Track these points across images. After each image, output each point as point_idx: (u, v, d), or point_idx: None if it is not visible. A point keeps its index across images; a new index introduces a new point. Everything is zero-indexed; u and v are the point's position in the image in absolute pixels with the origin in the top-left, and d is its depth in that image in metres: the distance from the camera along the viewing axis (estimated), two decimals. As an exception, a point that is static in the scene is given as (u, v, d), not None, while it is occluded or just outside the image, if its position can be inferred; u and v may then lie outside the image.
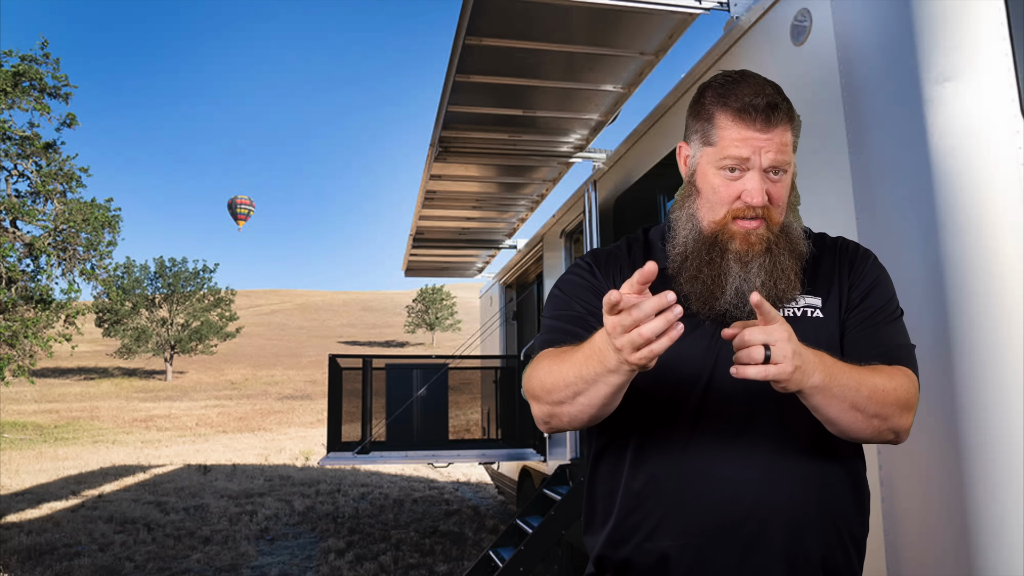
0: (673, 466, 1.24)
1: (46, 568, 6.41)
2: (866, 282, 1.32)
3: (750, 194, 1.24)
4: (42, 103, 18.58)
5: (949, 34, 1.86)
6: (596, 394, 1.12)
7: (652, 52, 3.58)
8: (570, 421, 1.20)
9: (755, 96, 1.25)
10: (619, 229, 4.46)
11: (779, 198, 1.27)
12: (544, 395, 1.20)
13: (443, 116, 4.18)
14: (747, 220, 1.25)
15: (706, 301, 1.26)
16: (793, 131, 1.29)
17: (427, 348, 63.42)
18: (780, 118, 1.25)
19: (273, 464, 15.06)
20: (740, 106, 1.24)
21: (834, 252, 1.37)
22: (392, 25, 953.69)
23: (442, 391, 6.56)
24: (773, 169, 1.25)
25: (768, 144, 1.24)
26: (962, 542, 1.68)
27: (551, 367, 1.19)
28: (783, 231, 1.29)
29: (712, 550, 1.20)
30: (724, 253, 1.26)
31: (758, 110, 1.23)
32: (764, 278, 1.24)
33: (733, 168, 1.25)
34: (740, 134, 1.24)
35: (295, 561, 6.69)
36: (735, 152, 1.24)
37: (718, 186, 1.27)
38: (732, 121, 1.25)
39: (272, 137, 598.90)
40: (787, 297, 1.26)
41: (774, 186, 1.26)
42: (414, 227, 6.78)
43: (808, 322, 1.28)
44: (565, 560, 5.42)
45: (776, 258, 1.26)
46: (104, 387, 44.54)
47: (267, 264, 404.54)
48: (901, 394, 1.19)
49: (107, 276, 20.62)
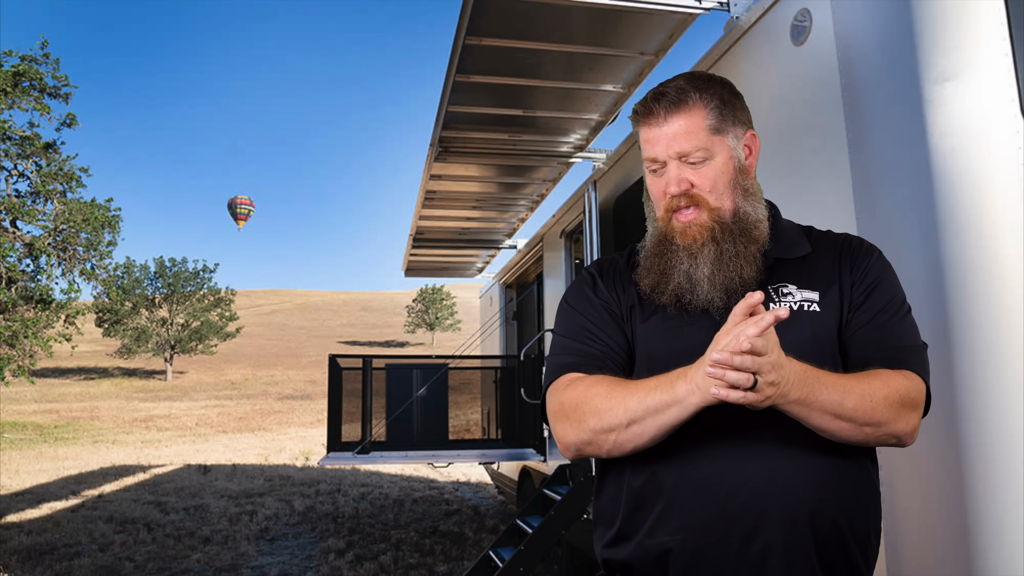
0: (672, 462, 1.24)
1: (46, 568, 6.41)
2: (868, 279, 1.32)
3: (668, 184, 1.31)
4: (42, 103, 18.58)
5: (949, 34, 1.86)
6: (655, 424, 1.17)
7: (652, 52, 3.58)
8: (612, 448, 1.23)
9: (652, 91, 1.34)
10: (619, 229, 4.46)
11: (705, 184, 1.30)
12: (594, 422, 1.23)
13: (443, 116, 4.18)
14: (682, 211, 1.31)
15: (659, 289, 1.32)
16: (708, 113, 1.30)
17: (427, 348, 63.42)
18: (672, 106, 1.30)
19: (273, 464, 15.06)
20: (639, 108, 1.35)
21: (836, 248, 1.37)
22: (392, 25, 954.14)
23: (442, 391, 6.55)
24: (686, 156, 1.30)
25: (669, 135, 1.30)
26: (962, 542, 1.68)
27: (607, 393, 1.23)
28: (734, 216, 1.31)
29: (710, 545, 1.20)
30: (672, 246, 1.32)
31: (648, 104, 1.32)
32: (712, 267, 1.28)
33: (655, 169, 1.34)
34: (645, 134, 1.33)
35: (295, 561, 6.69)
36: (648, 153, 1.34)
37: (651, 186, 1.36)
38: (640, 125, 1.35)
39: (272, 137, 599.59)
40: (737, 284, 1.28)
41: (697, 173, 1.30)
42: (414, 227, 6.78)
43: (804, 316, 1.28)
44: (565, 560, 5.43)
45: (722, 246, 1.29)
46: (104, 387, 44.54)
47: (267, 264, 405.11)
48: (896, 400, 1.18)
49: (107, 276, 20.62)
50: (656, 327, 1.33)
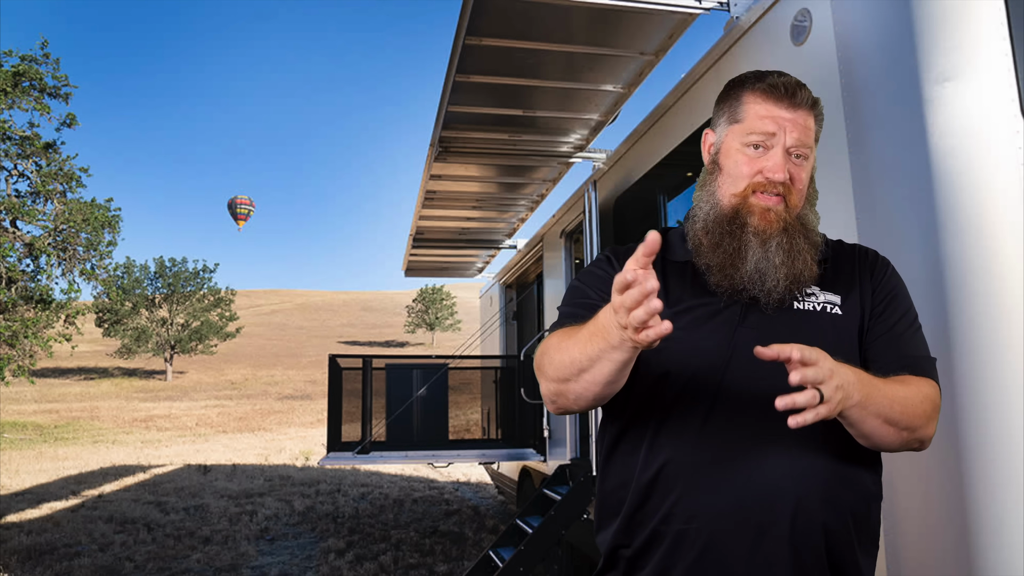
0: (688, 453, 1.24)
1: (46, 568, 6.41)
2: (887, 289, 1.35)
3: (772, 169, 1.28)
4: (42, 103, 18.58)
5: (949, 34, 1.86)
6: (600, 371, 1.13)
7: (652, 52, 3.58)
8: (576, 399, 1.21)
9: (782, 76, 1.32)
10: (619, 229, 4.46)
11: (799, 181, 1.31)
12: (551, 372, 1.22)
13: (443, 116, 4.18)
14: (767, 195, 1.29)
15: (726, 273, 1.28)
16: (816, 120, 1.33)
17: (427, 348, 63.40)
18: (805, 100, 1.31)
19: (273, 464, 15.06)
20: (767, 84, 1.31)
21: (853, 256, 1.40)
22: (392, 25, 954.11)
23: (442, 391, 6.55)
24: (795, 150, 1.30)
25: (793, 122, 1.29)
26: (962, 542, 1.68)
27: (559, 344, 1.21)
28: (799, 219, 1.32)
29: (723, 535, 1.20)
30: (743, 227, 1.29)
31: (785, 88, 1.30)
32: (783, 257, 1.27)
33: (758, 145, 1.30)
34: (767, 110, 1.30)
35: (295, 561, 6.69)
36: (761, 127, 1.30)
37: (741, 161, 1.32)
38: (760, 98, 1.31)
39: (272, 137, 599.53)
40: (804, 278, 1.28)
41: (795, 168, 1.30)
42: (414, 227, 6.78)
43: (827, 318, 1.29)
44: (565, 560, 5.42)
45: (793, 238, 1.28)
46: (104, 387, 44.53)
47: (267, 264, 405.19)
48: (928, 406, 1.21)
49: (107, 276, 20.61)
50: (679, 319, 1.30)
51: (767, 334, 1.24)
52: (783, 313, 1.28)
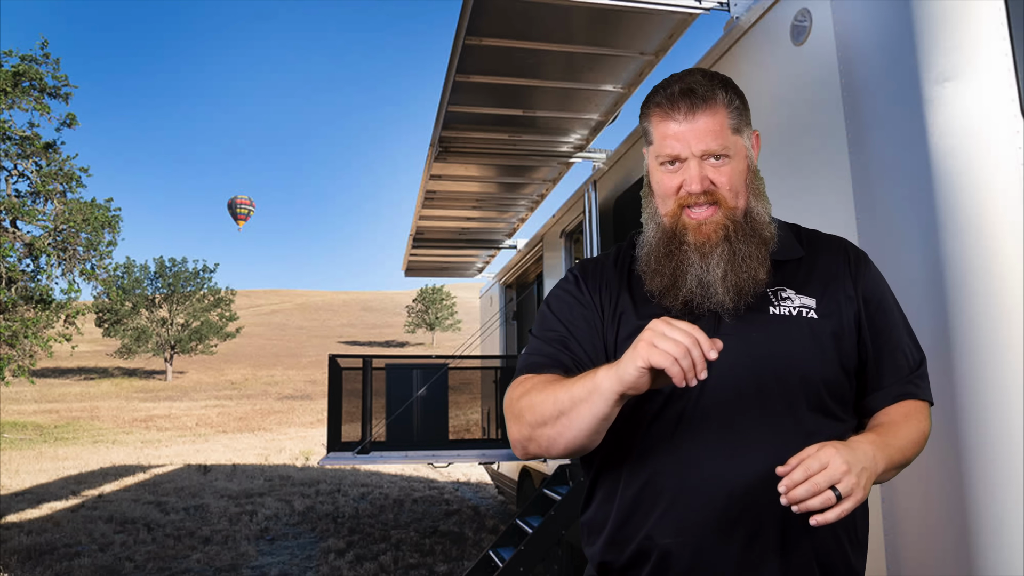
0: (671, 465, 1.24)
1: (46, 568, 6.41)
2: (876, 295, 1.34)
3: (688, 182, 1.27)
4: (42, 103, 18.58)
5: (949, 34, 1.86)
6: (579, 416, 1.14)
7: (652, 52, 3.58)
8: (548, 445, 1.21)
9: (675, 84, 1.29)
10: (619, 229, 4.46)
11: (725, 183, 1.28)
12: (528, 414, 1.23)
13: (443, 116, 4.18)
14: (696, 209, 1.28)
15: (668, 293, 1.29)
16: (730, 113, 1.29)
17: (427, 348, 63.40)
18: (700, 103, 1.27)
19: (273, 464, 15.06)
20: (660, 99, 1.30)
21: (831, 250, 1.37)
22: (392, 25, 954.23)
23: (442, 391, 6.55)
24: (711, 155, 1.27)
25: (695, 132, 1.26)
26: (962, 542, 1.68)
27: (543, 388, 1.22)
28: (746, 217, 1.30)
29: (710, 547, 1.20)
30: (682, 245, 1.28)
31: (675, 99, 1.27)
32: (725, 268, 1.26)
33: (672, 161, 1.29)
34: (667, 128, 1.28)
35: (295, 561, 6.68)
36: (666, 149, 1.29)
37: (663, 180, 1.31)
38: (658, 116, 1.30)
39: (272, 137, 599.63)
40: (750, 286, 1.26)
41: (717, 171, 1.28)
42: (414, 227, 6.78)
43: (803, 322, 1.27)
44: (565, 560, 5.42)
45: (735, 246, 1.27)
46: (104, 387, 44.54)
47: (267, 264, 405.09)
48: (924, 438, 1.27)
49: (107, 276, 20.61)
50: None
51: (743, 342, 1.24)
52: (757, 320, 1.26)
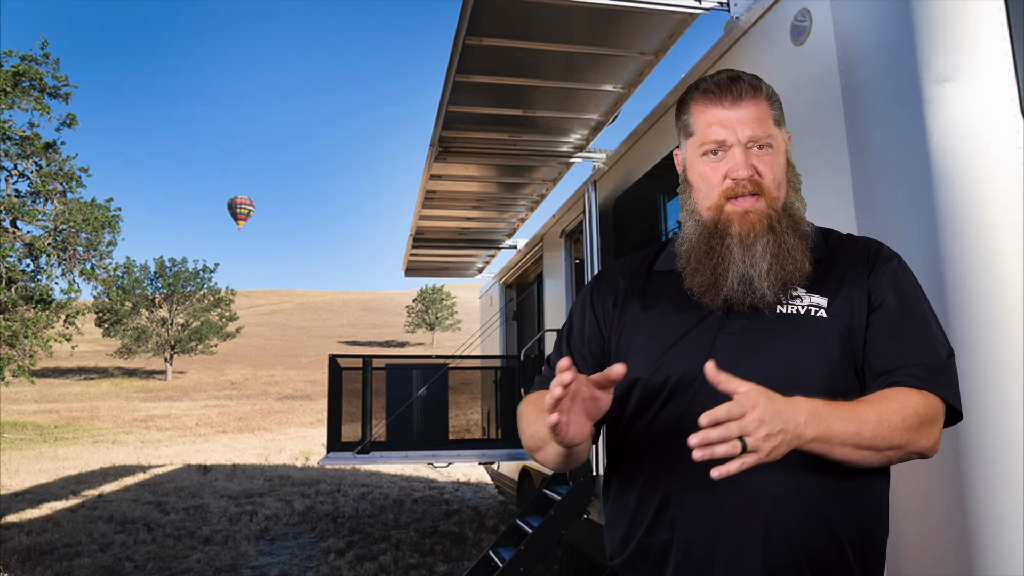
0: (673, 465, 1.24)
1: (46, 568, 6.41)
2: (884, 288, 1.26)
3: (734, 169, 1.26)
4: (42, 103, 18.59)
5: (949, 34, 1.86)
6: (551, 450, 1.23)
7: (652, 52, 3.58)
8: (543, 463, 1.30)
9: (720, 74, 1.31)
10: (619, 229, 4.46)
11: (769, 172, 1.27)
12: (522, 436, 1.33)
13: (443, 116, 4.18)
14: (741, 198, 1.27)
15: (709, 291, 1.27)
16: (771, 106, 1.31)
17: (427, 348, 63.40)
18: (746, 90, 1.28)
19: (273, 464, 15.06)
20: (706, 87, 1.30)
21: (853, 253, 1.33)
22: (392, 25, 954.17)
23: (442, 391, 6.55)
24: (755, 143, 1.27)
25: (741, 118, 1.27)
26: (962, 542, 1.68)
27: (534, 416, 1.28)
28: (785, 210, 1.29)
29: (701, 544, 1.20)
30: (725, 238, 1.26)
31: (722, 85, 1.28)
32: (770, 260, 1.24)
33: (715, 151, 1.29)
34: (712, 116, 1.29)
35: (295, 561, 6.69)
36: (711, 136, 1.28)
37: (705, 172, 1.30)
38: (703, 105, 1.30)
39: (272, 137, 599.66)
40: (795, 279, 1.24)
41: (761, 160, 1.27)
42: (414, 227, 6.78)
43: (812, 321, 1.24)
44: (565, 560, 5.42)
45: (780, 237, 1.25)
46: (104, 387, 44.53)
47: (267, 264, 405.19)
48: (914, 421, 1.14)
49: (107, 276, 20.62)
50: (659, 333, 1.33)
51: (748, 341, 1.23)
52: (765, 318, 1.24)
